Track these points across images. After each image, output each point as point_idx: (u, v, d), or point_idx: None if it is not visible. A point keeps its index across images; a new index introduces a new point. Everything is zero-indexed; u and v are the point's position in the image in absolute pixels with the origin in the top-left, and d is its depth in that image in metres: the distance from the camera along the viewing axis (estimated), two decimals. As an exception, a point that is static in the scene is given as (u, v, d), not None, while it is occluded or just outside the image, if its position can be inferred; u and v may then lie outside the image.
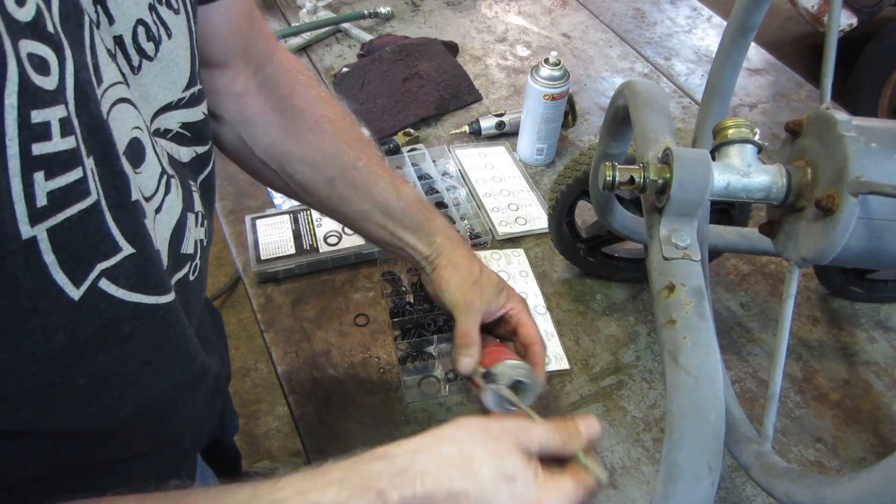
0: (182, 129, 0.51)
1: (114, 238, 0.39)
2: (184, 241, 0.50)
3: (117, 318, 0.42)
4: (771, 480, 0.55)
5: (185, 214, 0.50)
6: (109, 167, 0.39)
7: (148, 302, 0.44)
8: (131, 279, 0.41)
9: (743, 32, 0.69)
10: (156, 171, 0.45)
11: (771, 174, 0.57)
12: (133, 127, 0.43)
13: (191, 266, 0.52)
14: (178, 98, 0.50)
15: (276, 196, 1.04)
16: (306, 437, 0.79)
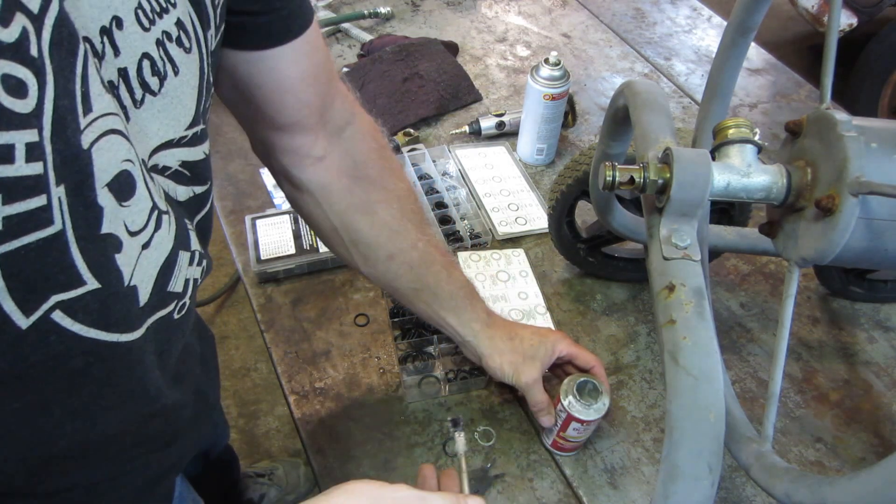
0: (181, 168, 0.50)
1: (77, 271, 0.38)
2: (172, 279, 0.49)
3: (67, 352, 0.40)
4: (771, 480, 0.55)
5: (176, 252, 0.49)
6: (82, 198, 0.37)
7: (107, 339, 0.42)
8: (92, 314, 0.40)
9: (743, 32, 0.69)
10: (146, 205, 0.44)
11: (771, 174, 0.57)
12: (123, 160, 0.41)
13: (177, 305, 0.51)
14: (180, 136, 0.49)
15: (276, 196, 1.04)
16: (306, 437, 0.79)
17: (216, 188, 1.07)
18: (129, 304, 0.44)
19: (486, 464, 0.77)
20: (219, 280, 2.08)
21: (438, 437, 0.79)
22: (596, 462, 0.78)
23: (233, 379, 1.89)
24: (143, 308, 0.45)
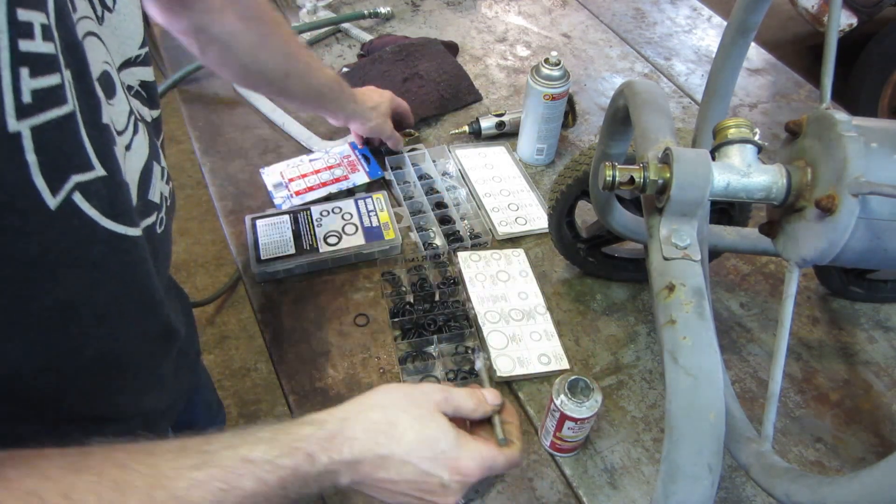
0: (140, 89, 0.55)
1: (87, 154, 0.42)
2: (150, 188, 0.53)
3: (88, 240, 0.44)
4: (771, 480, 0.55)
5: (151, 161, 0.53)
6: (84, 84, 0.41)
7: (117, 230, 0.46)
8: (104, 201, 0.44)
9: (743, 32, 0.69)
10: (125, 108, 0.48)
11: (771, 174, 0.57)
12: (103, 61, 0.45)
13: (157, 217, 0.55)
14: (136, 55, 0.53)
15: (276, 196, 1.05)
16: (306, 437, 0.79)
17: (216, 188, 1.07)
18: (128, 198, 0.48)
19: (486, 464, 0.77)
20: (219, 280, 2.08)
21: (438, 437, 0.79)
22: (596, 462, 0.78)
23: (233, 379, 1.88)
24: (136, 208, 0.50)
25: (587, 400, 0.72)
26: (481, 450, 0.55)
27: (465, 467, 0.54)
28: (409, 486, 0.53)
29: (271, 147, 1.14)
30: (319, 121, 1.20)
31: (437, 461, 0.53)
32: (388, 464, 0.52)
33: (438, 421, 0.54)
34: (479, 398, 0.59)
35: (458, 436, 0.55)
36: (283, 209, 1.01)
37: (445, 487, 0.54)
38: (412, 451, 0.52)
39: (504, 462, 0.57)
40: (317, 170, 1.08)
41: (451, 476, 0.54)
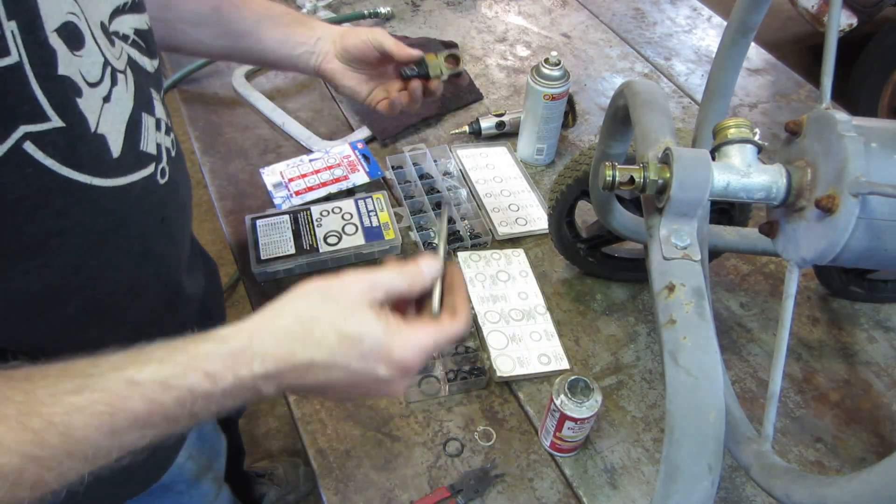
0: (136, 37, 0.54)
1: (40, 105, 0.42)
2: (142, 139, 0.53)
3: (47, 188, 0.44)
4: (771, 480, 0.55)
5: (138, 112, 0.52)
6: (34, 36, 0.41)
7: (82, 180, 0.46)
8: (62, 151, 0.44)
9: (743, 32, 0.69)
10: (97, 59, 0.47)
11: (771, 174, 0.57)
12: (68, 11, 0.44)
13: (157, 168, 0.55)
14: (125, 1, 0.53)
15: (276, 196, 1.04)
16: (306, 437, 0.79)
17: (216, 188, 1.07)
18: (100, 150, 0.47)
19: (486, 464, 0.77)
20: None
21: (438, 436, 0.79)
22: (596, 462, 0.78)
23: (233, 379, 1.89)
24: (119, 160, 0.50)
25: (587, 400, 0.72)
26: (416, 335, 0.50)
27: (400, 358, 0.49)
28: (346, 385, 0.50)
29: (271, 147, 1.14)
30: (319, 121, 1.20)
31: (367, 359, 0.48)
32: (313, 370, 0.48)
33: (361, 316, 0.48)
34: (412, 274, 0.53)
35: (387, 327, 0.49)
36: (283, 209, 1.01)
37: (387, 381, 0.50)
38: (335, 353, 0.48)
39: (444, 338, 0.52)
40: (317, 170, 1.08)
41: (389, 369, 0.49)
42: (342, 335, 0.48)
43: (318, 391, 0.50)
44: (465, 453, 0.78)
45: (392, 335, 0.49)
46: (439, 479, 0.75)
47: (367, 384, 0.50)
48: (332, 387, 0.49)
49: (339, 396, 0.53)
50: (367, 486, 0.74)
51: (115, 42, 0.50)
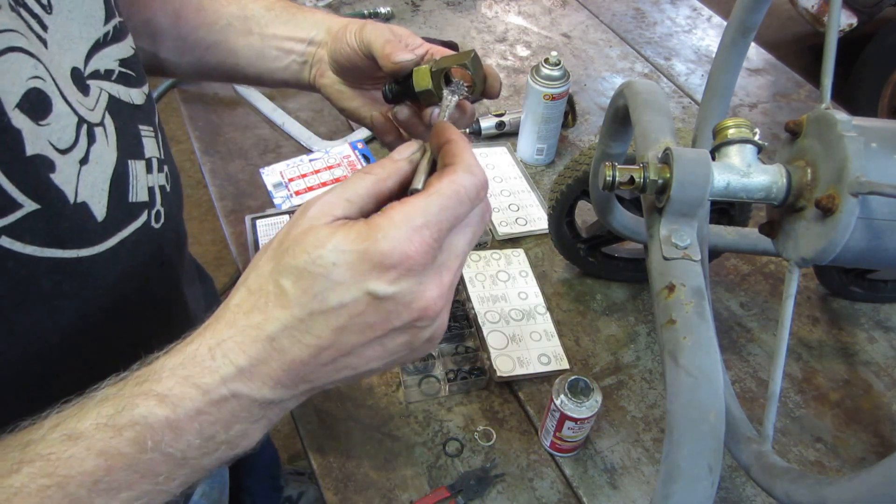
0: (123, 69, 0.49)
1: (8, 195, 0.37)
2: (130, 190, 0.47)
3: (32, 275, 0.40)
4: (771, 480, 0.55)
5: (124, 163, 0.47)
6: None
7: (66, 256, 0.42)
8: (40, 235, 0.40)
9: (743, 32, 0.69)
10: (70, 121, 0.42)
11: (771, 174, 0.57)
12: (30, 77, 0.39)
13: (150, 214, 0.50)
14: (104, 33, 0.47)
15: (276, 196, 1.04)
16: (306, 437, 0.79)
17: (216, 188, 1.07)
18: (83, 219, 0.43)
19: (486, 464, 0.77)
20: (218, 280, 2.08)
21: (438, 436, 0.79)
22: (596, 462, 0.78)
23: (233, 379, 1.89)
24: (105, 223, 0.45)
25: (587, 400, 0.72)
26: (391, 217, 0.35)
27: (382, 253, 0.34)
28: (352, 334, 0.36)
29: (271, 147, 1.14)
30: (319, 121, 1.20)
31: (343, 280, 0.35)
32: (291, 336, 0.35)
33: (315, 238, 0.35)
34: (378, 166, 0.40)
35: (348, 231, 0.35)
36: (283, 209, 1.01)
37: (389, 297, 0.35)
38: (301, 299, 0.35)
39: (438, 202, 0.36)
40: (317, 170, 1.08)
41: (379, 278, 0.35)
42: (297, 271, 0.35)
43: (335, 365, 0.37)
44: (465, 453, 0.78)
45: (360, 235, 0.35)
46: (439, 479, 0.75)
47: (376, 317, 0.36)
48: (340, 347, 0.36)
49: (371, 357, 0.37)
50: (367, 486, 0.74)
51: (91, 89, 0.45)
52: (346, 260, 0.35)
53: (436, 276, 0.36)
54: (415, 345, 0.38)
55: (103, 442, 0.33)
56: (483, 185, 0.39)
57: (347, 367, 0.37)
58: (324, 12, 0.64)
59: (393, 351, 0.38)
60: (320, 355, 0.36)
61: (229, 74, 0.67)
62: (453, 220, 0.37)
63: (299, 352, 0.36)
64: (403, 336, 0.37)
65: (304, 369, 0.36)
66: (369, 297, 0.35)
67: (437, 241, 0.36)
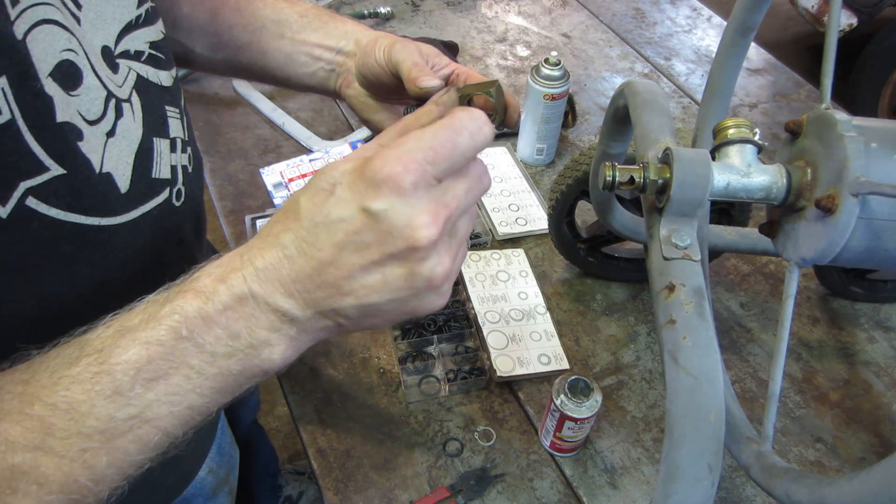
0: (153, 51, 0.51)
1: (37, 157, 0.40)
2: (154, 166, 0.50)
3: (55, 237, 0.42)
4: (771, 480, 0.55)
5: (149, 139, 0.49)
6: (27, 87, 0.38)
7: (88, 223, 0.44)
8: (65, 199, 0.42)
9: (743, 32, 0.69)
10: (99, 94, 0.44)
11: (771, 174, 0.57)
12: (63, 49, 0.41)
13: (172, 191, 0.52)
14: (136, 16, 0.49)
15: (276, 196, 1.04)
16: (306, 437, 0.79)
17: (216, 188, 1.07)
18: (107, 189, 0.45)
19: (486, 464, 0.77)
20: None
21: (438, 436, 0.79)
22: (596, 462, 0.78)
23: (233, 379, 1.89)
24: (129, 195, 0.47)
25: (587, 400, 0.72)
26: (390, 145, 0.38)
27: (374, 172, 0.37)
28: (349, 253, 0.38)
29: (271, 147, 1.14)
30: (319, 121, 1.20)
31: (344, 197, 0.38)
32: (299, 247, 0.38)
33: (334, 164, 0.40)
34: (413, 115, 0.43)
35: (358, 156, 0.39)
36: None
37: (381, 214, 0.37)
38: (310, 212, 0.38)
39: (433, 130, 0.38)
40: (316, 170, 1.08)
41: (374, 196, 0.37)
42: (313, 190, 0.39)
43: (337, 288, 0.39)
44: (465, 453, 0.78)
45: (365, 160, 0.38)
46: (439, 479, 0.75)
47: (372, 237, 0.38)
48: (340, 266, 0.38)
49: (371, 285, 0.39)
50: (367, 486, 0.74)
51: (120, 67, 0.47)
52: (348, 179, 0.38)
53: (429, 204, 0.38)
54: (415, 284, 0.39)
55: (146, 332, 0.37)
56: (482, 120, 0.40)
57: (350, 294, 0.39)
58: (354, 22, 0.66)
59: (393, 285, 0.39)
60: (323, 272, 0.39)
61: (259, 75, 0.69)
62: (449, 148, 0.38)
63: (305, 263, 0.39)
64: (400, 268, 0.39)
65: (310, 284, 0.39)
66: (364, 213, 0.37)
67: (430, 164, 0.37)
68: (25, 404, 0.36)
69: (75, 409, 0.36)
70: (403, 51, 0.58)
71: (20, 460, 0.35)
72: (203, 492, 0.75)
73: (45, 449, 0.35)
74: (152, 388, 0.37)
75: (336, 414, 0.80)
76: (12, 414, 0.36)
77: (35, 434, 0.35)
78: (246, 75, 0.70)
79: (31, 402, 0.36)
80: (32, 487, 0.35)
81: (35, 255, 0.42)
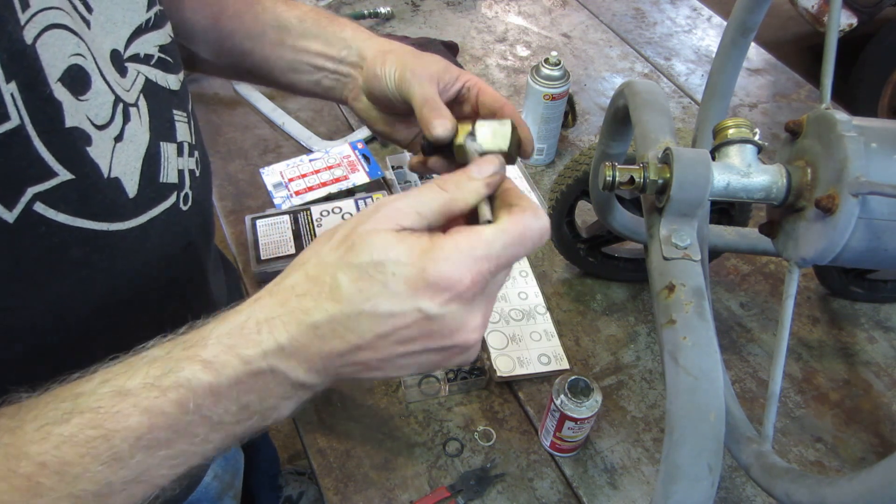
0: (162, 55, 0.51)
1: (45, 163, 0.39)
2: (161, 171, 0.50)
3: (63, 243, 0.42)
4: (771, 480, 0.55)
5: (156, 144, 0.49)
6: (36, 93, 0.38)
7: (97, 228, 0.44)
8: (73, 204, 0.42)
9: (743, 32, 0.69)
10: (107, 99, 0.44)
11: (771, 174, 0.57)
12: (72, 54, 0.41)
13: (179, 196, 0.52)
14: (146, 19, 0.49)
15: (276, 196, 1.04)
16: (306, 437, 0.79)
17: (216, 188, 1.07)
18: (115, 194, 0.45)
19: (486, 464, 0.77)
20: (219, 280, 2.08)
21: (438, 436, 0.79)
22: (596, 462, 0.78)
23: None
24: (136, 199, 0.47)
25: (587, 400, 0.72)
26: (456, 242, 0.37)
27: (440, 275, 0.36)
28: (392, 343, 0.38)
29: (271, 147, 1.14)
30: (319, 121, 1.20)
31: (396, 291, 0.36)
32: (334, 330, 0.37)
33: (377, 242, 0.37)
34: (455, 182, 0.40)
35: (413, 244, 0.37)
36: (283, 209, 1.01)
37: (437, 317, 0.37)
38: (354, 297, 0.36)
39: (505, 238, 0.38)
40: (317, 170, 1.08)
41: (432, 298, 0.36)
42: (357, 271, 0.37)
43: (368, 363, 0.38)
44: (465, 453, 0.78)
45: (423, 252, 0.36)
46: (439, 479, 0.75)
47: (415, 329, 0.37)
48: (378, 349, 0.38)
49: (402, 365, 0.39)
50: (367, 486, 0.74)
51: (128, 71, 0.47)
52: (406, 273, 0.36)
53: (483, 306, 0.39)
54: (442, 364, 0.40)
55: (149, 401, 0.35)
56: (547, 231, 0.40)
57: (378, 370, 0.39)
58: (354, 26, 0.64)
59: (422, 365, 0.40)
60: (357, 354, 0.38)
61: (265, 80, 0.68)
62: (512, 259, 0.38)
63: (339, 345, 0.37)
64: (437, 356, 0.39)
65: (338, 361, 0.38)
66: (419, 313, 0.37)
67: (493, 276, 0.38)
68: (12, 460, 0.34)
69: (67, 471, 0.34)
70: (414, 82, 0.55)
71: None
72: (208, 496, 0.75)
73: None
74: (153, 454, 0.36)
75: (336, 414, 0.80)
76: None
77: (22, 494, 0.34)
78: (253, 80, 0.70)
79: (17, 457, 0.34)
80: None
81: (43, 261, 0.41)
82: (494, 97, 0.58)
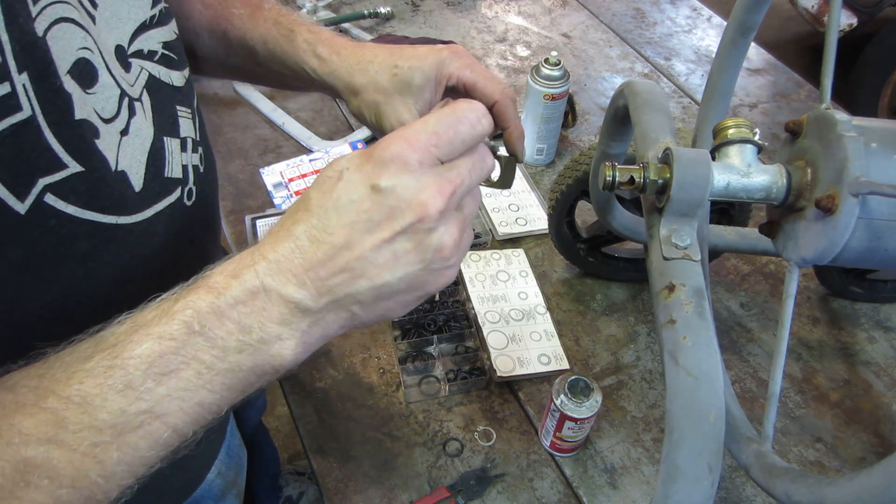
0: (166, 51, 0.52)
1: (55, 154, 0.40)
2: (166, 165, 0.50)
3: (72, 235, 0.42)
4: (771, 480, 0.55)
5: (160, 138, 0.50)
6: (47, 84, 0.39)
7: (105, 221, 0.44)
8: (83, 196, 0.42)
9: (743, 32, 0.69)
10: (113, 92, 0.45)
11: (771, 174, 0.57)
12: (80, 47, 0.42)
13: (183, 191, 0.53)
14: (150, 16, 0.50)
15: (276, 196, 1.04)
16: (306, 437, 0.79)
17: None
18: (122, 187, 0.46)
19: (486, 464, 0.77)
20: (219, 280, 2.07)
21: (438, 436, 0.79)
22: (596, 462, 0.78)
23: (233, 379, 1.88)
24: (142, 193, 0.47)
25: (587, 400, 0.72)
26: (397, 130, 0.40)
27: (384, 152, 0.39)
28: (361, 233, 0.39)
29: (271, 147, 1.14)
30: (319, 121, 1.20)
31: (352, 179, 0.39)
32: (310, 235, 0.39)
33: (339, 159, 0.41)
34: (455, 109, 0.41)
35: (364, 149, 0.41)
36: (283, 209, 1.01)
37: (389, 190, 0.39)
38: (321, 200, 0.40)
39: (436, 115, 0.40)
40: (317, 170, 1.08)
41: (380, 175, 0.39)
42: (321, 180, 0.40)
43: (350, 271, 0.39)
44: (465, 453, 0.78)
45: (371, 148, 0.40)
46: (439, 479, 0.75)
47: (381, 213, 0.39)
48: (353, 247, 0.39)
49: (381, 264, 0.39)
50: (367, 486, 0.74)
51: (132, 66, 0.48)
52: (357, 163, 0.40)
53: (435, 179, 0.40)
54: (425, 256, 0.40)
55: (159, 327, 0.37)
56: (482, 112, 0.42)
57: (363, 276, 0.40)
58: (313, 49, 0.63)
59: (404, 260, 0.40)
60: (336, 258, 0.39)
61: (276, 84, 0.71)
62: (452, 133, 0.40)
63: (317, 250, 0.39)
64: (409, 241, 0.40)
65: (323, 272, 0.39)
66: (373, 190, 0.39)
67: (434, 146, 0.40)
68: (40, 397, 0.36)
69: (88, 402, 0.36)
70: (394, 120, 0.59)
71: (33, 453, 0.35)
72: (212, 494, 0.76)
73: (58, 442, 0.35)
74: (163, 382, 0.37)
75: (336, 414, 0.80)
76: (27, 406, 0.36)
77: (48, 427, 0.35)
78: (258, 84, 0.71)
79: (45, 395, 0.36)
80: (44, 481, 0.35)
81: (52, 252, 0.42)
82: (486, 93, 0.59)
